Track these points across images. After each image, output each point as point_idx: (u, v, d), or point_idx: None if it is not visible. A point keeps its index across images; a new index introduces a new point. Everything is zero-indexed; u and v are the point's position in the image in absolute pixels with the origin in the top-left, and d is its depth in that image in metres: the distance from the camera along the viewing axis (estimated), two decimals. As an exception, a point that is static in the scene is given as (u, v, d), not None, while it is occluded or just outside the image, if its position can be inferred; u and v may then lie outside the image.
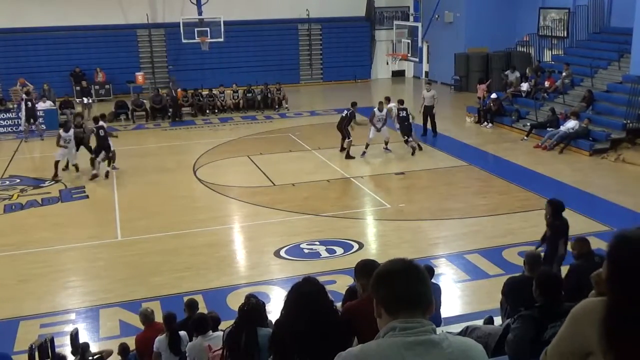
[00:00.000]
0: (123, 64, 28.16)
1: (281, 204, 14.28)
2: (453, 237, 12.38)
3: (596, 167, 16.82)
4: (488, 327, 5.44)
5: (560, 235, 8.67)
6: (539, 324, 4.30)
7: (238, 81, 26.20)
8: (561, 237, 8.68)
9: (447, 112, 22.86)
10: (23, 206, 14.64)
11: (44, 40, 27.39)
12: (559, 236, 8.66)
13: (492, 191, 14.94)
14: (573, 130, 18.17)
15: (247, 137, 21.24)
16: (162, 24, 28.89)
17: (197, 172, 17.06)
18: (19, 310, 9.79)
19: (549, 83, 21.83)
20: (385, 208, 14.11)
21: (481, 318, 6.83)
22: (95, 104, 25.81)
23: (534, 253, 6.94)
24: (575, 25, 23.81)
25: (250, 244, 12.56)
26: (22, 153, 19.67)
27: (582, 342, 2.44)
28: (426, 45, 30.95)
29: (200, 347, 6.38)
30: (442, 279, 10.34)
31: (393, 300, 2.29)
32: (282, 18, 30.34)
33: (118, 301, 9.99)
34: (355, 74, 31.88)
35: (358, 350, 2.28)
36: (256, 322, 5.29)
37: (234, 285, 10.47)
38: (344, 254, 11.51)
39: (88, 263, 11.66)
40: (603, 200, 14.02)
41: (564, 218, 8.77)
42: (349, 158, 17.78)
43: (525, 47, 26.65)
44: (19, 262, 11.56)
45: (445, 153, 18.49)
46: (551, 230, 8.74)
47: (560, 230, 8.68)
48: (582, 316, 2.48)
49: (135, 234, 12.80)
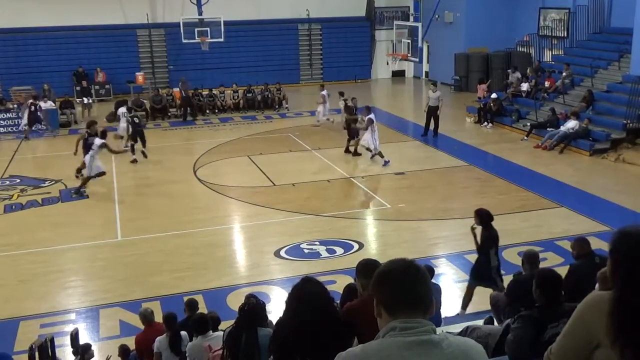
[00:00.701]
0: (123, 64, 28.17)
1: (281, 204, 14.28)
2: (453, 237, 12.36)
3: (596, 167, 16.83)
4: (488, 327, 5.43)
5: (489, 245, 8.67)
6: (539, 324, 4.29)
7: (238, 81, 26.22)
8: (491, 247, 8.68)
9: (447, 112, 22.84)
10: (23, 206, 14.64)
11: (44, 40, 27.39)
12: (489, 247, 8.65)
13: (492, 191, 14.93)
14: (573, 130, 18.18)
15: (247, 137, 21.24)
16: (162, 23, 28.90)
17: (197, 172, 17.06)
18: (19, 310, 9.79)
19: (549, 83, 21.84)
20: (386, 208, 14.11)
21: (481, 318, 6.82)
22: (95, 104, 25.80)
23: (532, 252, 6.91)
24: (576, 26, 23.81)
25: (251, 244, 12.56)
26: (22, 153, 19.67)
27: (589, 334, 2.49)
28: (426, 45, 30.94)
29: (200, 347, 6.38)
30: (442, 279, 10.35)
31: (393, 300, 2.29)
32: (282, 18, 30.34)
33: (118, 301, 9.99)
34: (356, 74, 31.88)
35: (359, 350, 2.28)
36: (256, 322, 5.29)
37: (234, 285, 10.47)
38: (344, 254, 11.51)
39: (88, 263, 11.66)
40: (603, 200, 14.02)
41: (494, 228, 8.75)
42: (357, 155, 17.93)
43: (525, 47, 26.65)
44: (19, 262, 11.56)
45: (446, 153, 18.50)
46: (481, 240, 8.74)
47: (489, 240, 8.66)
48: (588, 309, 2.53)
49: (136, 234, 12.80)
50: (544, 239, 11.76)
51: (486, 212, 8.68)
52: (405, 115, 24.54)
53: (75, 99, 25.44)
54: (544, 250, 10.76)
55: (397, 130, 21.58)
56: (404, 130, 21.71)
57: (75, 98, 25.48)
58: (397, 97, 30.67)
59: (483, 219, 8.61)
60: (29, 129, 21.05)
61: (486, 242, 8.64)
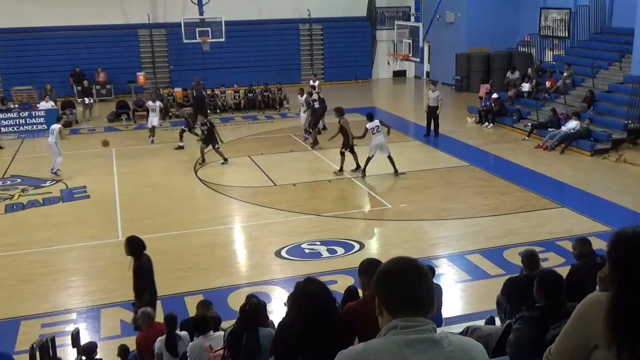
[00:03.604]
0: (124, 64, 28.18)
1: (282, 204, 14.28)
2: (454, 237, 12.38)
3: (597, 168, 16.82)
4: (489, 327, 5.43)
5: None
6: (540, 324, 4.28)
7: (239, 81, 26.20)
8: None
9: (448, 112, 22.85)
10: (24, 206, 14.65)
11: (45, 40, 27.40)
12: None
13: (493, 191, 14.93)
14: (574, 131, 18.17)
15: (248, 137, 21.25)
16: (163, 24, 28.93)
17: (197, 172, 17.07)
18: (20, 310, 9.80)
19: (550, 83, 21.82)
20: (387, 208, 14.10)
21: (482, 318, 6.82)
22: (96, 104, 25.82)
23: (531, 251, 6.88)
24: (577, 26, 23.79)
25: (251, 244, 12.56)
26: (23, 153, 19.68)
27: (587, 335, 2.49)
28: (427, 45, 30.96)
29: (201, 347, 6.38)
30: (443, 279, 10.34)
31: (394, 299, 2.29)
32: (283, 18, 30.35)
33: (119, 301, 9.98)
34: (357, 74, 31.88)
35: (360, 348, 2.29)
36: (257, 322, 5.29)
37: (235, 285, 10.48)
38: (345, 254, 11.51)
39: (89, 263, 11.67)
40: (604, 201, 14.01)
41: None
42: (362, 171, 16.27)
43: (526, 47, 26.63)
44: (20, 262, 11.57)
45: (447, 153, 18.49)
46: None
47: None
48: (587, 309, 2.54)
49: (136, 234, 12.71)
50: (545, 239, 11.76)
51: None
52: (406, 116, 24.53)
53: (76, 99, 25.46)
54: (545, 250, 10.76)
55: (398, 130, 21.55)
56: (405, 131, 21.70)
57: (75, 98, 25.50)
58: (398, 97, 30.67)
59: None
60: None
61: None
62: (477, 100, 24.08)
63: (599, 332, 2.40)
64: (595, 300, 2.52)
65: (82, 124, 23.67)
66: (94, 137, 21.63)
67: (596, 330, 2.42)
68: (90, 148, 19.85)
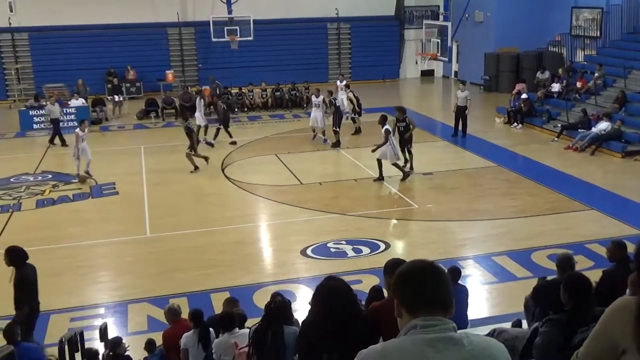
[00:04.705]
0: (153, 62, 28.45)
1: (308, 202, 14.30)
2: (481, 239, 12.29)
3: (628, 170, 16.53)
4: (515, 330, 5.38)
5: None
6: (567, 328, 4.24)
7: (267, 80, 26.29)
8: None
9: (477, 113, 22.64)
10: (55, 201, 14.90)
11: (77, 39, 27.81)
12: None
13: (521, 192, 14.77)
14: (605, 132, 17.89)
15: (275, 135, 21.31)
16: (192, 22, 29.14)
17: (225, 170, 17.18)
18: (50, 304, 9.91)
19: (580, 84, 21.52)
20: (413, 208, 14.05)
21: (508, 321, 6.75)
22: (126, 102, 26.13)
23: (566, 255, 6.78)
24: (609, 25, 23.43)
25: (277, 242, 12.61)
26: (54, 149, 19.98)
27: (615, 339, 2.46)
28: (456, 44, 30.75)
29: (226, 344, 6.42)
30: (470, 280, 10.26)
31: (414, 300, 2.30)
32: (311, 17, 30.36)
33: (146, 296, 10.10)
34: (384, 74, 31.76)
35: (380, 347, 2.30)
36: (282, 321, 5.31)
37: (261, 283, 10.52)
38: (371, 253, 11.49)
39: (117, 258, 11.82)
40: (635, 203, 13.77)
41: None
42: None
43: (557, 47, 26.30)
44: (50, 256, 11.73)
45: (474, 154, 18.35)
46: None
47: None
48: (616, 313, 2.50)
49: (164, 231, 12.93)
50: (574, 242, 11.60)
51: None
52: (434, 115, 24.38)
53: (107, 96, 25.80)
54: (574, 253, 10.54)
55: (425, 130, 21.44)
56: (433, 131, 21.58)
57: (106, 95, 25.84)
58: (425, 97, 30.50)
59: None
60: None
61: None
62: (505, 100, 23.82)
63: (627, 336, 2.37)
64: (624, 304, 2.49)
65: (112, 121, 23.96)
66: (123, 135, 21.92)
67: (624, 333, 2.40)
68: (119, 145, 20.10)
